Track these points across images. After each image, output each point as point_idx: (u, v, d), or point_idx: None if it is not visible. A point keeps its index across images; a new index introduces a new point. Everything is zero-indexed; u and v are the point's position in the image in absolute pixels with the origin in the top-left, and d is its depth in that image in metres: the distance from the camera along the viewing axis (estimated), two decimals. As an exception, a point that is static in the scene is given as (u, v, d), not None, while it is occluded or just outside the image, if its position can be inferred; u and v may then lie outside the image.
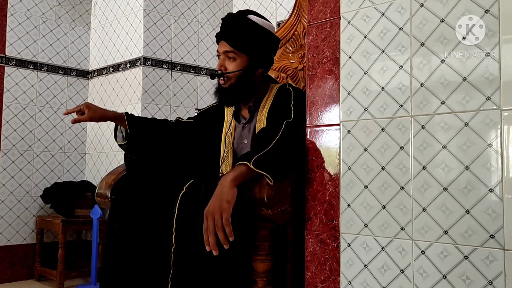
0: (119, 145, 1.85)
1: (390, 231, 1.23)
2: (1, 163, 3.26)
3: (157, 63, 3.25)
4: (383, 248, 1.24)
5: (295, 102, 1.63)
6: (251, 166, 1.38)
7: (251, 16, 1.76)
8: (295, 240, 1.48)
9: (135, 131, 1.78)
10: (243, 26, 1.73)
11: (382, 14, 1.29)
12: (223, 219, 1.34)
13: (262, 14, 1.90)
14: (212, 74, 1.75)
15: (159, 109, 3.23)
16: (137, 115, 2.00)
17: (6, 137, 3.29)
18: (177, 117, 1.99)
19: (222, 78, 1.73)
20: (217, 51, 1.77)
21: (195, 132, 1.88)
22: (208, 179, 1.70)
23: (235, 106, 1.82)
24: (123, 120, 1.78)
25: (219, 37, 1.76)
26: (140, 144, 1.81)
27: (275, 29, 1.96)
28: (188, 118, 1.96)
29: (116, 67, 3.41)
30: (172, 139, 1.84)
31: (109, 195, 1.71)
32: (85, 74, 3.68)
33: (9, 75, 3.32)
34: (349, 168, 1.32)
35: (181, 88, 3.37)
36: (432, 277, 1.15)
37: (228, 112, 1.85)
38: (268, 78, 1.86)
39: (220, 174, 1.81)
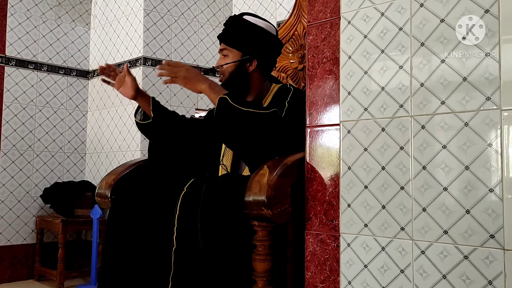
0: (137, 123, 1.91)
1: (390, 231, 1.23)
2: (1, 163, 3.26)
3: (157, 63, 3.25)
4: (383, 248, 1.24)
5: (291, 100, 1.66)
6: (227, 98, 1.53)
7: (245, 16, 1.82)
8: (295, 240, 1.48)
9: (158, 119, 1.84)
10: (234, 24, 1.82)
11: (382, 14, 1.29)
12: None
13: (261, 15, 1.93)
14: (205, 70, 1.84)
15: (159, 109, 3.23)
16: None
17: (6, 137, 3.29)
18: (192, 116, 2.04)
19: (220, 76, 1.81)
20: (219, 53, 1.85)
21: (203, 129, 1.92)
22: (209, 178, 1.70)
23: None
24: (148, 105, 1.85)
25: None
26: (157, 132, 1.87)
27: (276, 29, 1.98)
28: (200, 116, 2.02)
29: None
30: (187, 134, 1.90)
31: (109, 195, 1.71)
32: (85, 74, 3.68)
33: (9, 75, 3.32)
34: (349, 168, 1.32)
35: (181, 88, 3.37)
36: (432, 277, 1.15)
37: None
38: (272, 79, 1.88)
39: (220, 173, 1.82)
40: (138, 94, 1.82)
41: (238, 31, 1.79)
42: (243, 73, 1.77)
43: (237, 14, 1.87)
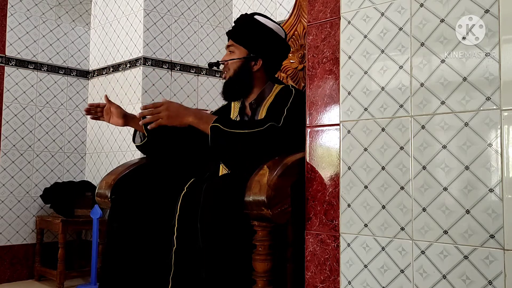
0: (136, 146, 1.89)
1: (390, 231, 1.23)
2: (1, 163, 3.26)
3: (157, 63, 3.25)
4: (383, 248, 1.24)
5: (291, 106, 1.65)
6: (219, 125, 1.54)
7: (256, 16, 1.83)
8: (295, 240, 1.48)
9: (153, 136, 1.81)
10: (244, 22, 1.83)
11: (382, 14, 1.29)
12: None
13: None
14: (209, 63, 1.87)
15: (159, 109, 3.23)
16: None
17: (6, 137, 3.29)
18: None
19: (224, 71, 1.82)
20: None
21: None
22: (209, 178, 1.70)
23: (233, 99, 1.87)
24: (141, 126, 1.81)
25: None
26: (157, 148, 1.86)
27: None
28: None
29: (116, 67, 3.41)
30: (188, 140, 1.88)
31: (109, 195, 1.71)
32: (85, 74, 3.68)
33: (9, 75, 3.32)
34: (349, 168, 1.32)
35: (181, 88, 3.37)
36: (432, 277, 1.15)
37: (235, 109, 1.88)
38: (275, 80, 1.88)
39: (221, 173, 1.82)
40: (128, 120, 1.82)
41: (247, 29, 1.80)
42: (248, 71, 1.78)
43: (248, 13, 1.88)
